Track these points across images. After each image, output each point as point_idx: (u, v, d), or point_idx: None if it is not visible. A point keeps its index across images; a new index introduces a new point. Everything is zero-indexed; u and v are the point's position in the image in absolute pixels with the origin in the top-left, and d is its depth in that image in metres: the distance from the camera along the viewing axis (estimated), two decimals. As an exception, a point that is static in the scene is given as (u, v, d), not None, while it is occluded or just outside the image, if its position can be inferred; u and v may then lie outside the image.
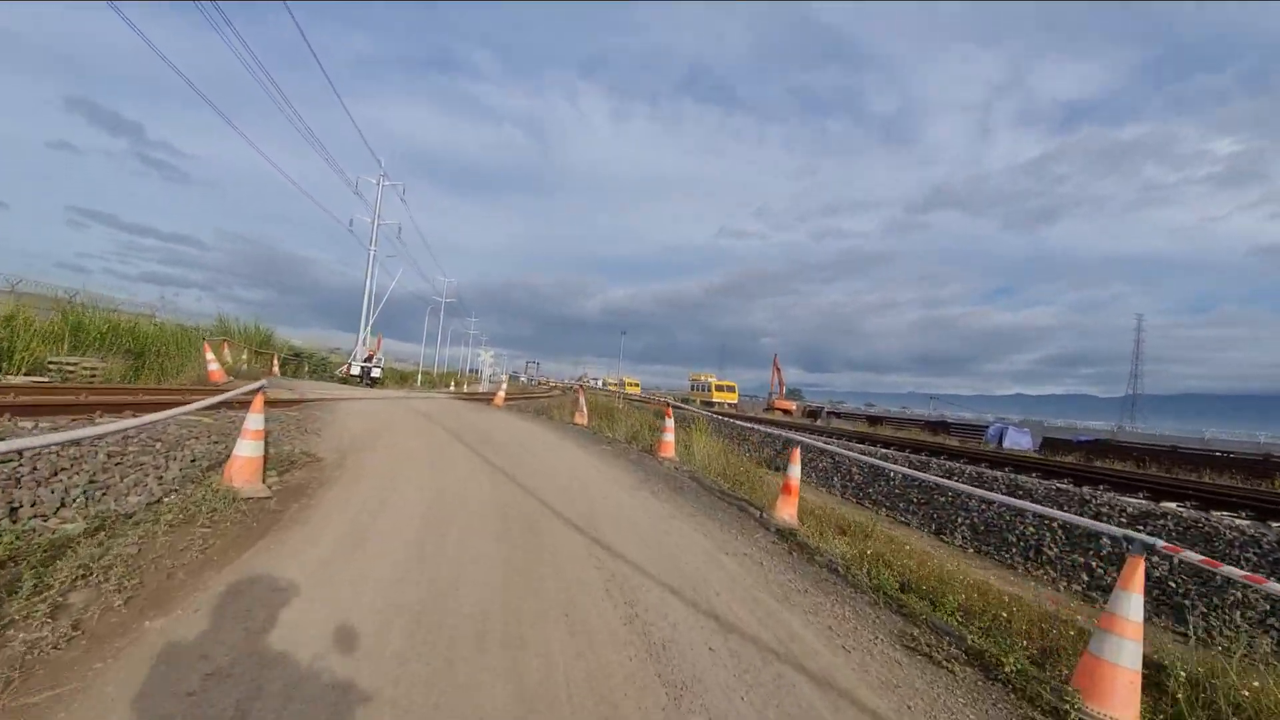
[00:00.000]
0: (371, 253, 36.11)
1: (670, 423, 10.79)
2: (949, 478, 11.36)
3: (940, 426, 37.49)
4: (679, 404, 17.40)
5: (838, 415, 50.81)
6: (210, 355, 14.49)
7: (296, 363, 21.54)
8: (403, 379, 41.81)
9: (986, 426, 34.88)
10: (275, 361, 18.94)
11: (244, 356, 16.69)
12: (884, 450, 18.38)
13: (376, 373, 25.79)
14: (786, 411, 60.68)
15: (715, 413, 21.71)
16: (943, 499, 11.87)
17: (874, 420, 43.47)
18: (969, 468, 14.19)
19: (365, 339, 32.73)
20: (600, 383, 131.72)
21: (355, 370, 25.18)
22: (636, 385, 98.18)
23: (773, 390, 67.04)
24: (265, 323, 20.40)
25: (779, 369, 66.52)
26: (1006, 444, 29.99)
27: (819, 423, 48.87)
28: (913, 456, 16.96)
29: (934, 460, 15.69)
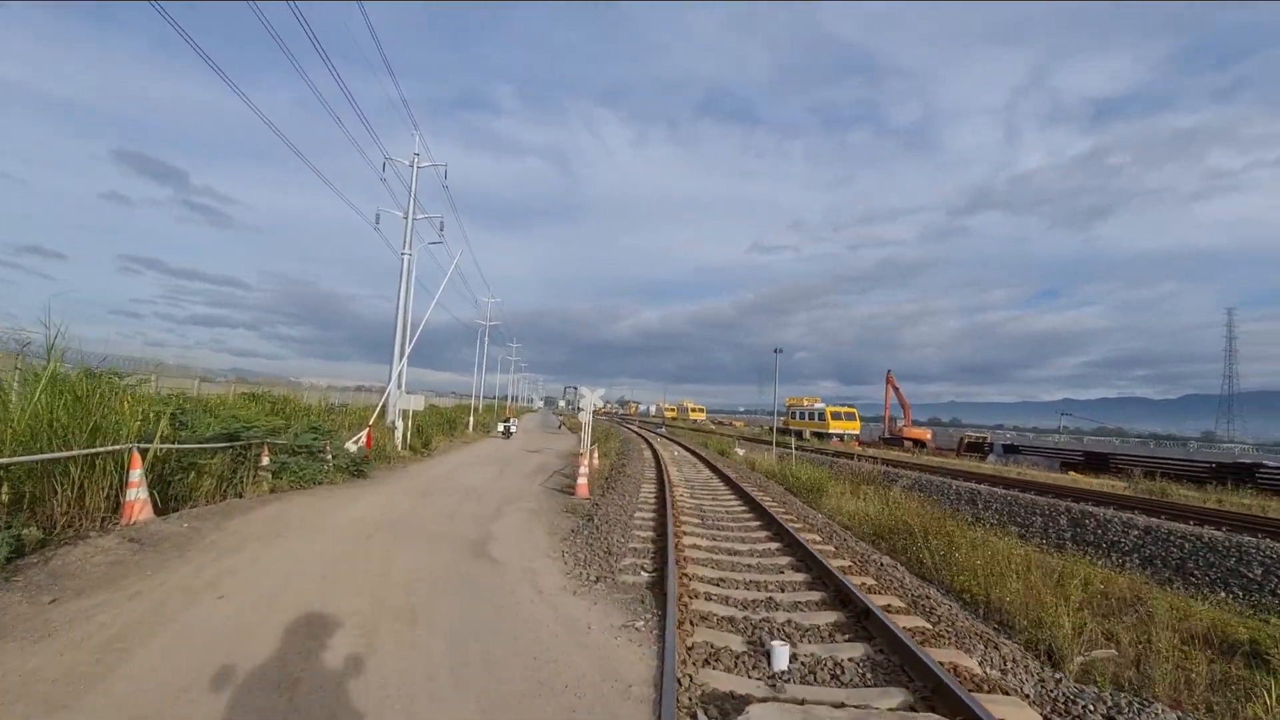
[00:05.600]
0: (405, 258, 24.14)
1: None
2: None
3: (1236, 473, 23.36)
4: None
5: (1016, 450, 36.81)
6: None
7: (232, 458, 8.91)
8: (450, 425, 29.25)
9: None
10: (134, 469, 6.32)
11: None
12: None
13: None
14: (920, 443, 46.56)
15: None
16: None
17: (1094, 460, 29.06)
18: None
19: (402, 371, 20.57)
20: (654, 409, 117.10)
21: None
22: (701, 411, 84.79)
23: (889, 414, 53.03)
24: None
25: (896, 387, 52.59)
26: None
27: (991, 461, 35.19)
28: None
29: None
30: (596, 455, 14.70)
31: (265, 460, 9.47)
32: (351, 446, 14.08)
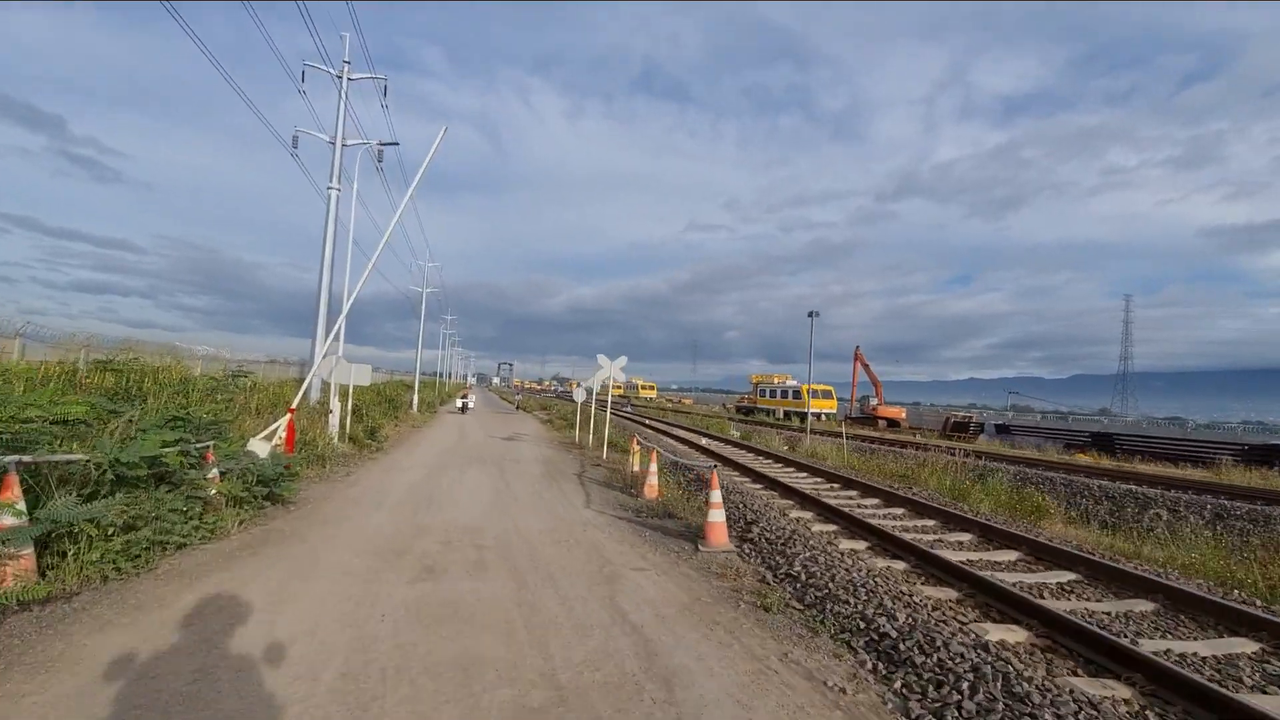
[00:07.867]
0: (333, 194, 17.49)
1: None
2: None
3: (1266, 454, 20.98)
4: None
5: (1008, 430, 34.54)
6: None
7: None
8: (393, 406, 22.88)
9: None
10: None
11: None
12: None
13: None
14: (893, 422, 43.88)
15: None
16: None
17: (1101, 441, 26.13)
18: None
19: (338, 332, 13.99)
20: (599, 386, 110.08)
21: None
22: (652, 388, 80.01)
23: (858, 393, 50.26)
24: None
25: (866, 363, 49.76)
26: None
27: (985, 441, 32.65)
28: None
29: None
30: (641, 461, 9.42)
31: (8, 518, 3.62)
32: (261, 447, 8.15)
